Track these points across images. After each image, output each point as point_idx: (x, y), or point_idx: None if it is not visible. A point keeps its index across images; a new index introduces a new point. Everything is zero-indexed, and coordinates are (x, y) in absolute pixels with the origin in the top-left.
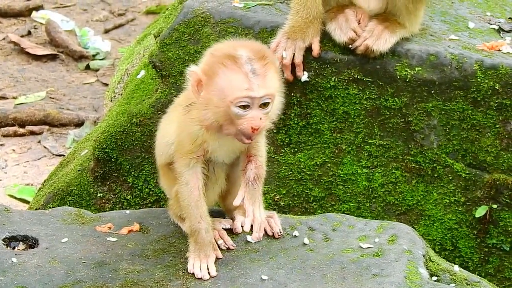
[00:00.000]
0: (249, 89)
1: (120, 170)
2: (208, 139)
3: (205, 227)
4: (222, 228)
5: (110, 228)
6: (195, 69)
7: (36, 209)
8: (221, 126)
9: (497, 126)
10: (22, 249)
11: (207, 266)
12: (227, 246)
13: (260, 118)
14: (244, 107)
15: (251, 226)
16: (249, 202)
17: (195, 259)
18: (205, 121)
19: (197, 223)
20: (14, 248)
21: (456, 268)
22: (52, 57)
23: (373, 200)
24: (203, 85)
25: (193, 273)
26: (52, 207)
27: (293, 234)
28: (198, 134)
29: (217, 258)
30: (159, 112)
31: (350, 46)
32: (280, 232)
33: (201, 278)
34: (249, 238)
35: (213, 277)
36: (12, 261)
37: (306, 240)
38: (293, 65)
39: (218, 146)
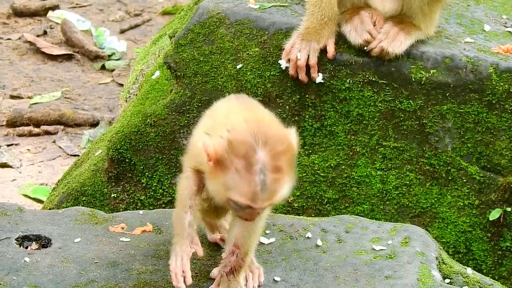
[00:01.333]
0: (252, 201)
1: (134, 171)
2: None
3: (189, 219)
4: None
5: (123, 228)
6: (210, 146)
7: (49, 209)
8: None
9: None
10: (35, 249)
11: (182, 261)
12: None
13: (258, 213)
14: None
15: None
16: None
17: (172, 254)
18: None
19: (183, 212)
20: (27, 247)
21: (469, 270)
22: (68, 57)
23: (387, 202)
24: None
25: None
26: (66, 207)
27: (306, 236)
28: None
29: None
30: (173, 113)
31: (365, 48)
32: None
33: (174, 272)
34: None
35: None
36: (25, 261)
37: (319, 242)
38: (307, 67)
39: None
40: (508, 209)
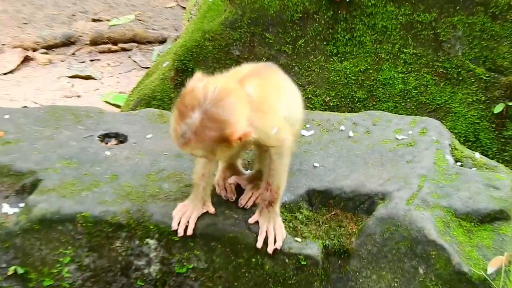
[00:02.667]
0: (175, 142)
1: None
2: None
3: (203, 185)
4: (233, 183)
5: None
6: None
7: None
8: None
9: None
10: (114, 144)
11: (188, 222)
12: (227, 198)
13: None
14: None
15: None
16: (263, 221)
17: (182, 208)
18: None
19: (198, 179)
20: (107, 143)
21: (477, 155)
22: None
23: (408, 100)
24: None
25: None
26: (140, 110)
27: (340, 129)
28: None
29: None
30: (227, 29)
31: None
32: (278, 248)
33: (175, 230)
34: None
35: (188, 236)
36: (106, 154)
37: (351, 133)
38: None
39: None
40: (510, 103)
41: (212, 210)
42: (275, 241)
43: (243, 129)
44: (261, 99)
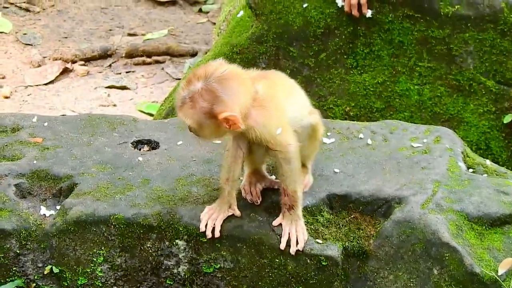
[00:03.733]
0: (176, 108)
1: None
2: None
3: (228, 189)
4: (261, 187)
5: None
6: None
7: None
8: None
9: None
10: (146, 150)
11: (214, 224)
12: (252, 201)
13: (194, 132)
14: None
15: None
16: (286, 224)
17: (209, 211)
18: None
19: (224, 183)
20: (140, 149)
21: (488, 162)
22: (172, 3)
23: (423, 110)
24: None
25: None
26: (171, 118)
27: (359, 137)
28: None
29: None
30: (254, 43)
31: None
32: (300, 249)
33: (203, 232)
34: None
35: (216, 237)
36: (139, 160)
37: (369, 141)
38: (359, 5)
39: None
40: None
41: (237, 213)
42: (297, 243)
43: (233, 112)
44: (268, 97)
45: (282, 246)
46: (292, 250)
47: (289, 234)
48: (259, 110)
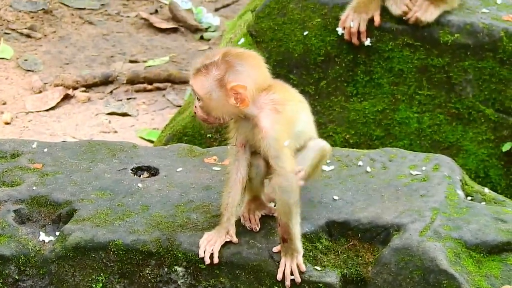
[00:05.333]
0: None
1: None
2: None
3: (227, 216)
4: (259, 214)
5: (215, 160)
6: None
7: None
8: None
9: None
10: (146, 177)
11: (212, 249)
12: (251, 228)
13: (195, 106)
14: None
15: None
16: (283, 255)
17: (208, 237)
18: None
19: (223, 209)
20: (140, 176)
21: (486, 190)
22: (174, 30)
23: (422, 138)
24: None
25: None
26: (171, 145)
27: (358, 164)
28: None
29: None
30: None
31: (404, 17)
32: (295, 280)
33: (202, 258)
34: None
35: (215, 263)
36: (138, 186)
37: (368, 169)
38: (359, 33)
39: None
40: None
41: (234, 239)
42: (293, 273)
43: (244, 84)
44: (283, 100)
45: (279, 277)
46: (287, 284)
47: (285, 265)
48: (272, 113)
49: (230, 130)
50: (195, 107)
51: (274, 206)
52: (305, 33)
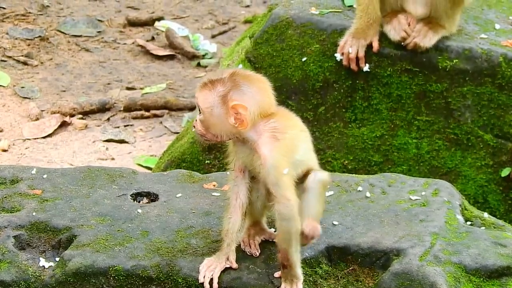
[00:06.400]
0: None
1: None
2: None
3: (227, 242)
4: (259, 240)
5: (214, 185)
6: None
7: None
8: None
9: None
10: (146, 203)
11: (212, 275)
12: (251, 253)
13: (196, 120)
14: None
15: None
16: (282, 280)
17: (208, 262)
18: None
19: (224, 235)
20: (139, 201)
21: (486, 215)
22: (171, 57)
23: (421, 164)
24: None
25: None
26: (170, 171)
27: (358, 189)
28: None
29: None
30: None
31: (402, 43)
32: None
33: (203, 274)
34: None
35: None
36: (138, 212)
37: (368, 194)
38: (357, 59)
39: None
40: None
41: (234, 265)
42: None
43: (244, 104)
44: (284, 127)
45: None
46: None
47: None
48: (272, 140)
49: (229, 154)
50: (195, 120)
51: (275, 231)
52: (304, 59)
